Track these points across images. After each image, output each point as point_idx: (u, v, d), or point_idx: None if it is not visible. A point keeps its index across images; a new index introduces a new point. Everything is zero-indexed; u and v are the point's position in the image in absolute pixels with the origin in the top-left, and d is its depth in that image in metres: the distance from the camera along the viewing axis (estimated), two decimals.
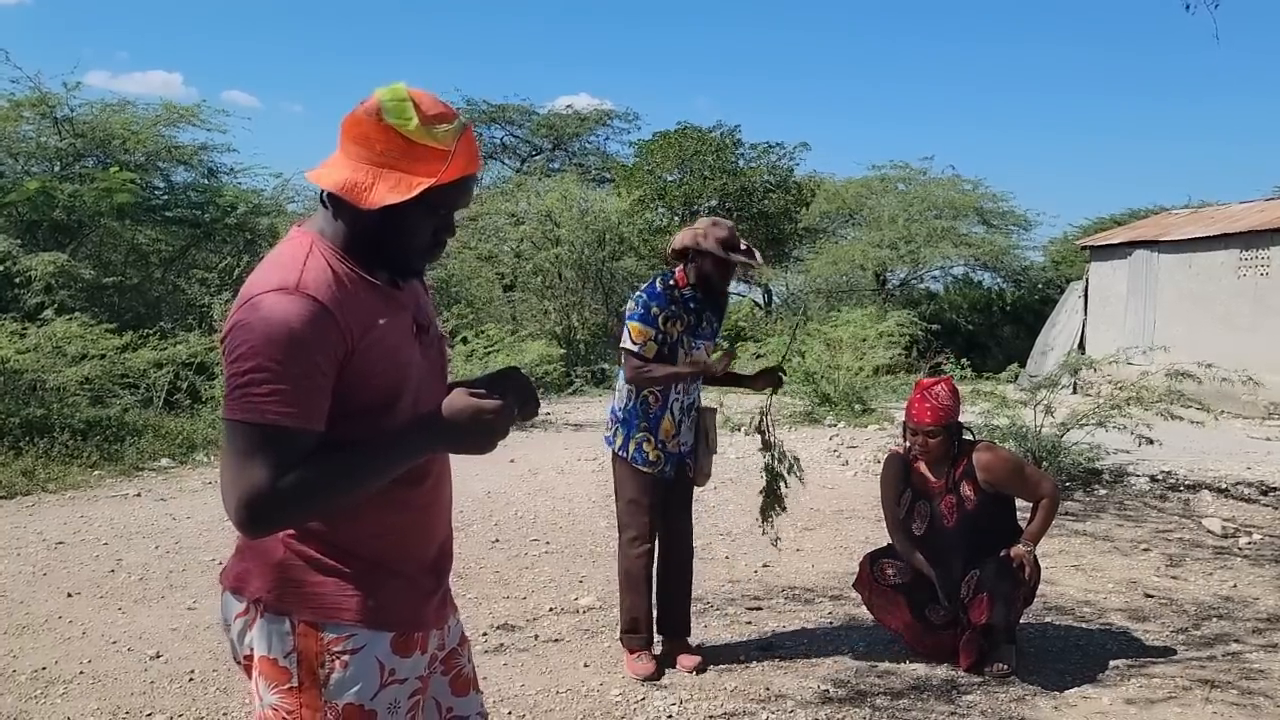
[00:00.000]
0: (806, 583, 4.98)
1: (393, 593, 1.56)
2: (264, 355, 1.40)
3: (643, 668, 3.74)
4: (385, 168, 1.50)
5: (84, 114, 13.22)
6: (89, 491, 7.02)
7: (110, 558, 5.26)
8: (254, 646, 1.52)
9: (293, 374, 1.41)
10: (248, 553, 1.55)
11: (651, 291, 3.75)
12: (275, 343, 1.40)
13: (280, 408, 1.41)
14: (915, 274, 25.76)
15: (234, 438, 1.42)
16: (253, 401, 1.40)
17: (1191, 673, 3.79)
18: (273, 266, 1.49)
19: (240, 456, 1.42)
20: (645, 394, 3.76)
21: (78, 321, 9.09)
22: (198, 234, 13.98)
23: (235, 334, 1.43)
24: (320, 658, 1.49)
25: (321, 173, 1.54)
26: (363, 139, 1.50)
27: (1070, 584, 4.98)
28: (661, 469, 3.74)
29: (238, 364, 1.41)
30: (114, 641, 4.02)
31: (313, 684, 1.49)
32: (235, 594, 1.55)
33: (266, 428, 1.41)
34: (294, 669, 1.50)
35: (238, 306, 1.46)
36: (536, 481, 7.61)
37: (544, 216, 18.60)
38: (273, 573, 1.51)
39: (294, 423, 1.42)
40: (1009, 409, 7.43)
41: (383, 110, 1.50)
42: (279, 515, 1.44)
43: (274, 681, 1.51)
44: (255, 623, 1.51)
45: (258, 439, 1.41)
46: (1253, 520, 6.43)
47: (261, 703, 1.52)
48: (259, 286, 1.45)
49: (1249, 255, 13.80)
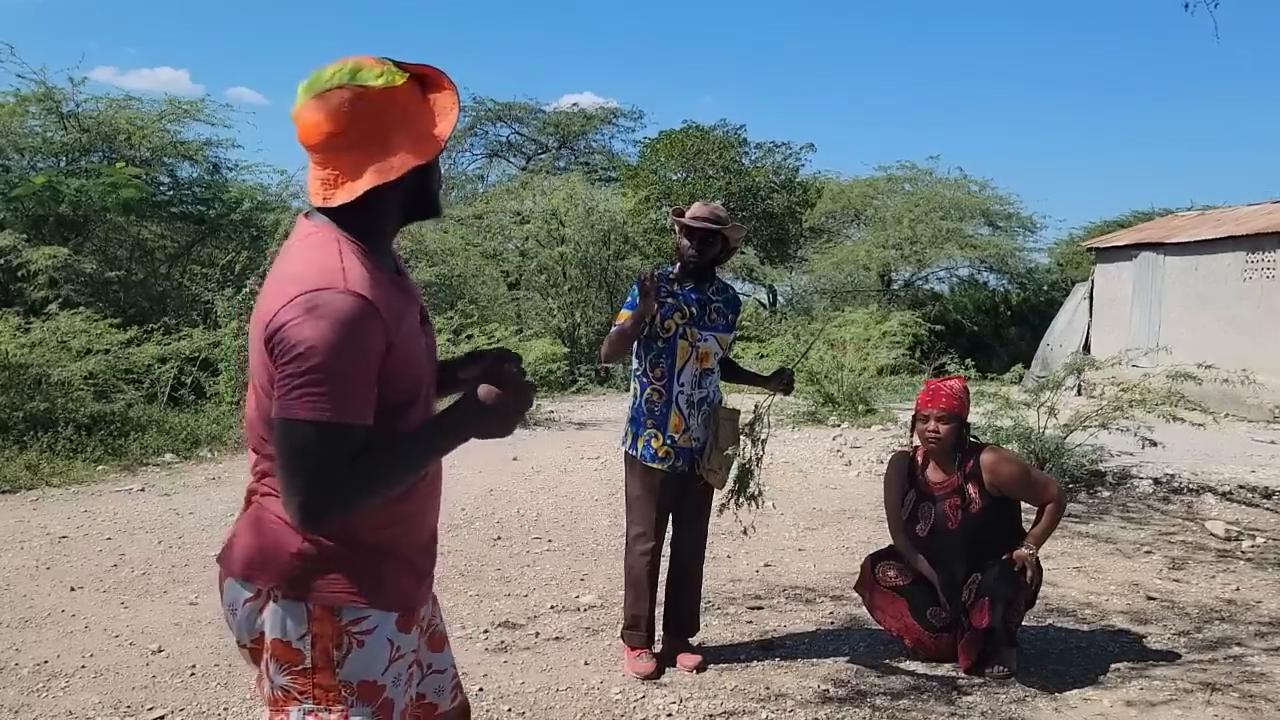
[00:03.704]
0: (808, 582, 4.97)
1: (398, 576, 1.64)
2: (320, 354, 1.43)
3: (643, 666, 3.74)
4: (394, 132, 1.54)
5: (90, 109, 13.27)
6: (93, 486, 7.03)
7: (113, 552, 5.27)
8: (269, 630, 1.56)
9: (348, 371, 1.45)
10: (257, 540, 1.58)
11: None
12: (330, 341, 1.43)
13: (338, 405, 1.44)
14: (920, 275, 25.71)
15: (293, 435, 1.45)
16: (312, 400, 1.44)
17: (1193, 675, 3.78)
18: (310, 264, 1.51)
19: (300, 453, 1.45)
20: (649, 391, 3.75)
21: (82, 316, 9.12)
22: (202, 230, 14.03)
23: (288, 333, 1.44)
24: (338, 638, 1.55)
25: (338, 192, 1.55)
26: (368, 117, 1.53)
27: (1072, 586, 4.97)
28: (672, 464, 3.73)
29: (295, 363, 1.44)
30: (116, 635, 4.03)
31: (326, 664, 1.55)
32: (245, 580, 1.58)
33: (326, 425, 1.44)
34: (307, 650, 1.55)
35: (284, 305, 1.46)
36: (539, 479, 7.62)
37: (549, 215, 18.61)
38: (290, 560, 1.55)
39: (351, 419, 1.47)
40: (1013, 410, 7.42)
41: (363, 75, 1.53)
42: (339, 510, 1.49)
43: (286, 663, 1.56)
44: (267, 608, 1.56)
45: (318, 436, 1.45)
46: (1256, 524, 6.41)
47: (272, 684, 1.57)
48: (304, 285, 1.47)
49: (1255, 258, 13.75)
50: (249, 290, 10.91)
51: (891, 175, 26.10)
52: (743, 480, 3.79)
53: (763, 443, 3.75)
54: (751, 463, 3.76)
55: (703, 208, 3.80)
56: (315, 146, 1.57)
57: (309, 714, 1.56)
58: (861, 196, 26.08)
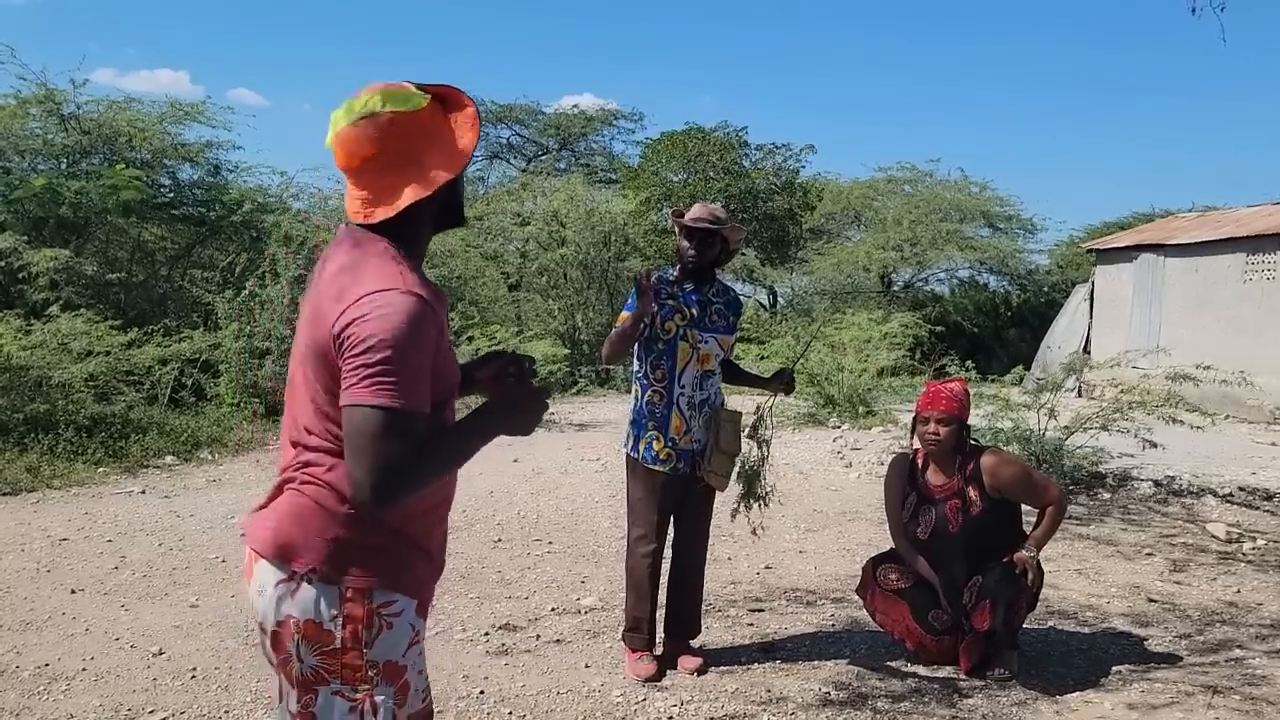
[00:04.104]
0: (809, 585, 4.97)
1: (421, 566, 1.76)
2: (391, 347, 1.57)
3: (644, 669, 3.73)
4: (425, 150, 1.70)
5: (90, 111, 13.24)
6: (93, 488, 7.03)
7: (114, 554, 5.27)
8: (293, 613, 1.64)
9: (413, 364, 1.60)
10: (294, 525, 1.67)
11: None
12: (399, 336, 1.57)
13: (407, 395, 1.58)
14: (920, 276, 25.71)
15: (366, 422, 1.57)
16: (384, 389, 1.56)
17: (1194, 678, 3.77)
18: (370, 269, 1.65)
19: (372, 439, 1.56)
20: (650, 393, 3.75)
21: (83, 318, 9.11)
22: (203, 231, 14.03)
23: (359, 328, 1.58)
24: (369, 621, 1.65)
25: (378, 210, 1.70)
26: (401, 138, 1.68)
27: (1073, 588, 4.97)
28: (674, 466, 3.72)
29: (365, 355, 1.57)
30: (117, 638, 4.03)
31: (355, 645, 1.64)
32: (278, 562, 1.66)
33: (396, 412, 1.57)
34: (338, 632, 1.64)
35: (351, 304, 1.60)
36: (540, 481, 7.61)
37: (550, 217, 18.60)
38: (329, 546, 1.65)
39: (415, 407, 1.60)
40: (1013, 412, 7.42)
41: (394, 102, 1.69)
42: (402, 493, 1.60)
43: (317, 644, 1.64)
44: (298, 591, 1.64)
45: (388, 423, 1.57)
46: (1257, 526, 6.41)
47: (302, 665, 1.65)
48: (369, 286, 1.61)
49: (1255, 259, 13.75)
50: (249, 292, 10.93)
51: (891, 177, 26.11)
52: (750, 482, 3.80)
53: (767, 444, 3.75)
54: (757, 464, 3.77)
55: (702, 209, 3.80)
56: (354, 169, 1.72)
57: (336, 693, 1.65)
58: (861, 198, 26.08)
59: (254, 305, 10.81)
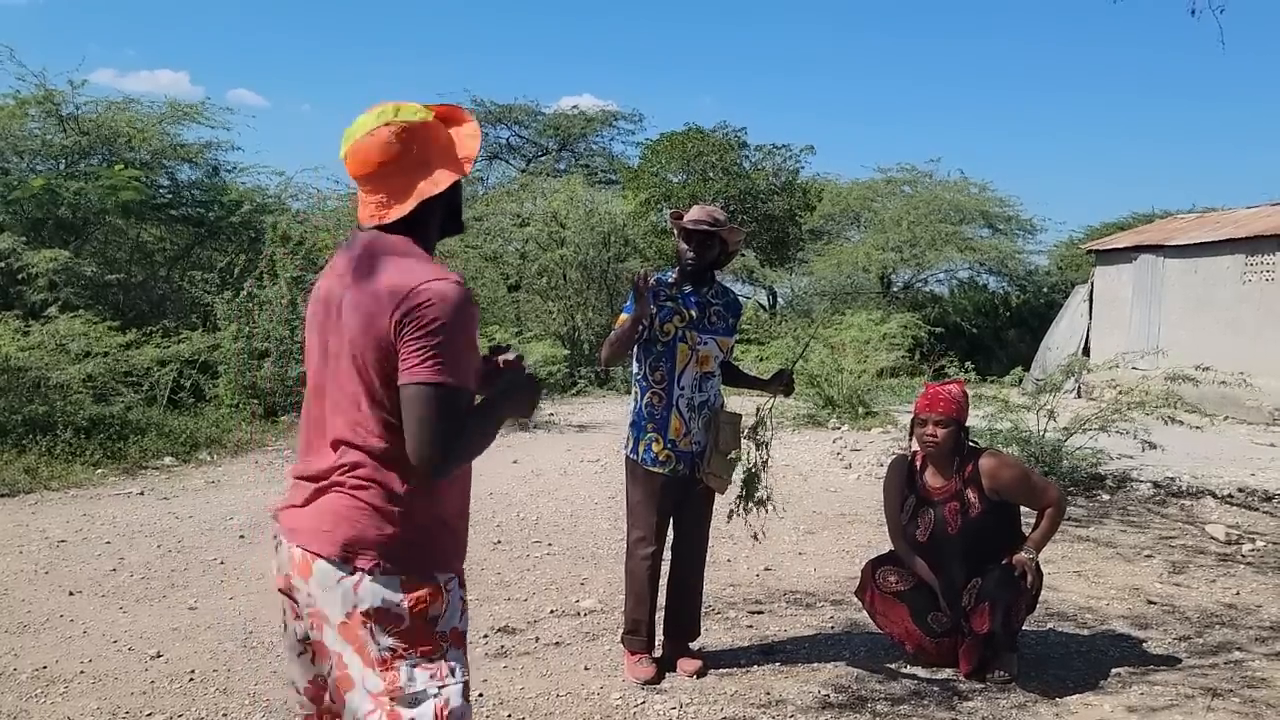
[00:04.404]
0: (808, 587, 4.97)
1: (457, 543, 1.94)
2: (451, 331, 1.75)
3: (643, 671, 3.73)
4: (433, 156, 1.89)
5: (89, 111, 13.22)
6: (92, 490, 7.02)
7: (112, 556, 5.26)
8: (362, 604, 1.78)
9: (463, 346, 1.77)
10: (352, 526, 1.80)
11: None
12: (457, 321, 1.75)
13: (461, 374, 1.76)
14: (920, 277, 25.69)
15: (431, 398, 1.73)
16: (447, 368, 1.74)
17: (1194, 681, 3.77)
18: (414, 261, 1.83)
19: (436, 412, 1.73)
20: (650, 395, 3.75)
21: (81, 319, 9.10)
22: (202, 232, 14.01)
23: (421, 313, 1.73)
24: (434, 598, 1.82)
25: (391, 210, 1.87)
26: (413, 145, 1.87)
27: (1073, 590, 4.96)
28: (673, 468, 3.72)
29: (429, 338, 1.73)
30: (114, 641, 4.02)
31: (422, 622, 1.80)
32: (339, 561, 1.79)
33: (457, 389, 1.75)
34: (406, 613, 1.79)
35: (408, 292, 1.75)
36: (539, 483, 7.61)
37: (549, 217, 18.58)
38: (387, 542, 1.80)
39: (467, 385, 1.79)
40: (1012, 413, 7.42)
41: (405, 113, 1.88)
42: (457, 463, 1.80)
43: (389, 627, 1.79)
44: (362, 585, 1.78)
45: (449, 398, 1.74)
46: (1256, 527, 6.41)
47: (378, 647, 1.79)
48: (421, 276, 1.77)
49: (1254, 260, 13.75)
50: (247, 292, 10.92)
51: (891, 178, 26.08)
52: (750, 485, 3.78)
53: (767, 446, 3.74)
54: (757, 467, 3.75)
55: (701, 211, 3.80)
56: (369, 176, 1.88)
57: (414, 666, 1.79)
58: (861, 199, 26.05)
59: (252, 306, 10.81)
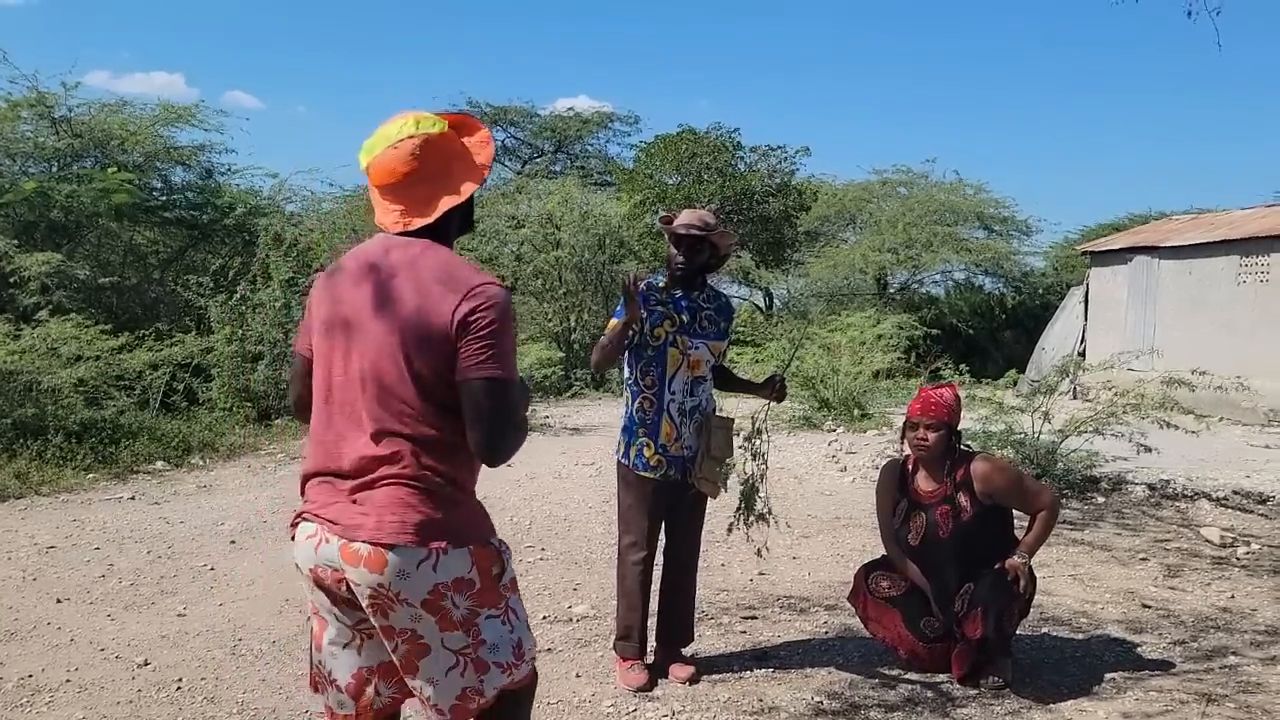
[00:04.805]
0: (802, 592, 4.94)
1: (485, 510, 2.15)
2: (505, 330, 1.95)
3: (635, 678, 3.70)
4: (454, 165, 2.05)
5: (82, 114, 13.21)
6: (82, 494, 6.98)
7: (101, 562, 5.22)
8: (441, 580, 1.96)
9: (512, 343, 1.98)
10: (420, 513, 1.95)
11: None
12: (507, 320, 1.96)
13: (514, 368, 1.98)
14: (916, 278, 25.70)
15: (503, 391, 1.94)
16: (505, 363, 1.95)
17: (1189, 686, 3.75)
18: (459, 266, 2.00)
19: (497, 405, 1.93)
20: (641, 400, 3.73)
21: (72, 322, 9.05)
22: (195, 235, 13.97)
23: (481, 314, 1.92)
24: (494, 559, 2.05)
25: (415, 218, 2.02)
26: (435, 156, 2.01)
27: (1067, 594, 4.94)
28: (665, 473, 3.70)
29: (489, 338, 1.92)
30: (102, 649, 3.99)
31: (488, 581, 2.02)
32: (416, 546, 1.94)
33: (509, 382, 1.96)
34: (476, 578, 2.00)
35: (466, 294, 1.93)
36: (533, 487, 7.58)
37: (545, 219, 18.55)
38: (451, 521, 1.98)
39: (516, 378, 2.00)
40: (1007, 416, 7.40)
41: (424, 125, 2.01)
42: (515, 448, 2.03)
43: (464, 592, 2.00)
44: (440, 560, 1.95)
45: (507, 390, 1.95)
46: (1251, 530, 6.39)
47: (458, 610, 1.99)
48: (477, 279, 1.96)
49: (1249, 262, 13.75)
50: (241, 295, 10.88)
51: (886, 179, 26.12)
52: (749, 499, 3.73)
53: (764, 456, 3.70)
54: (755, 479, 3.71)
55: (691, 215, 3.77)
56: (393, 186, 2.02)
57: (489, 617, 2.03)
58: (856, 200, 26.07)
59: (245, 309, 10.76)
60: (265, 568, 5.17)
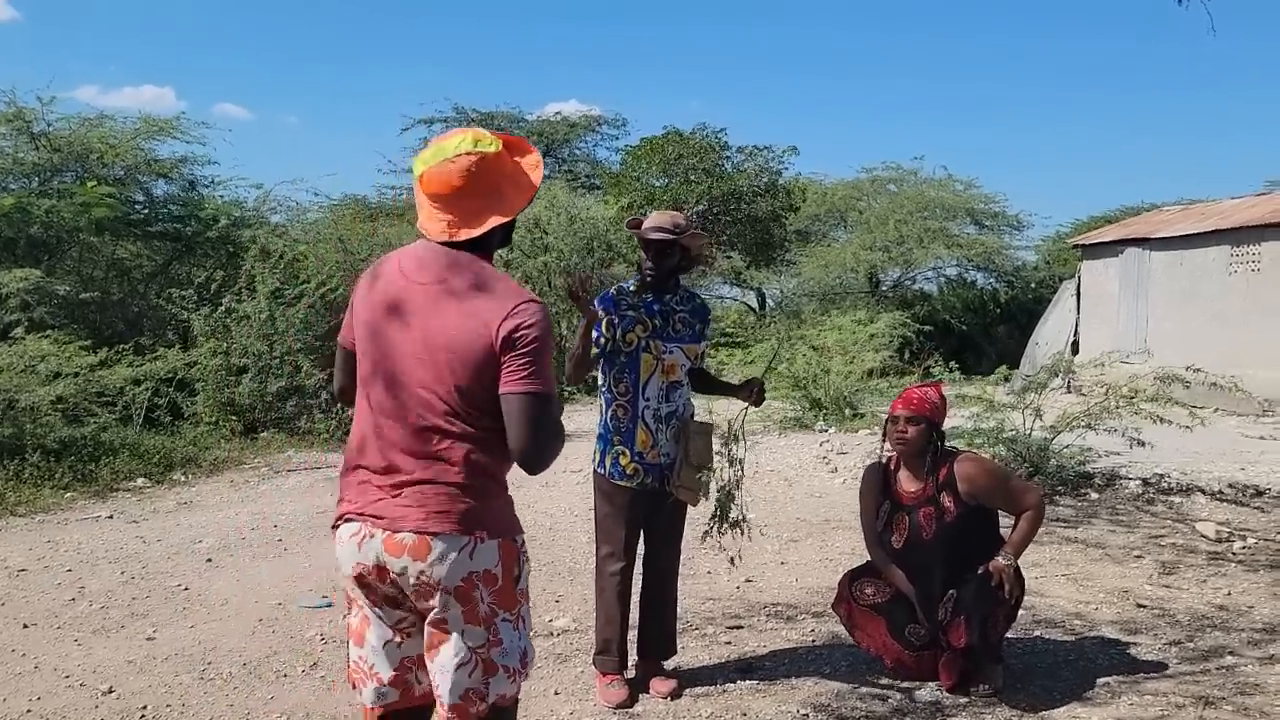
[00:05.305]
0: (790, 599, 4.83)
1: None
2: (544, 346, 2.03)
3: (614, 695, 3.59)
4: (504, 184, 2.12)
5: (61, 128, 13.04)
6: (59, 514, 6.85)
7: (72, 585, 5.09)
8: (474, 569, 2.04)
9: (551, 356, 2.06)
10: (459, 502, 2.03)
11: (604, 295, 3.63)
12: (549, 336, 2.06)
13: (553, 382, 2.05)
14: (908, 275, 25.62)
15: (536, 405, 2.00)
16: (545, 379, 2.02)
17: (1185, 688, 3.65)
18: (501, 281, 2.09)
19: (539, 416, 2.01)
20: (615, 407, 3.63)
21: (50, 339, 8.91)
22: (179, 248, 13.81)
23: (526, 331, 2.01)
24: (518, 558, 2.12)
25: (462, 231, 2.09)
26: (488, 174, 2.09)
27: (1061, 594, 4.84)
28: (641, 481, 3.59)
29: (535, 354, 2.01)
30: (66, 676, 3.86)
31: (509, 580, 2.10)
32: (459, 536, 2.03)
33: (550, 396, 2.04)
34: (499, 573, 2.08)
35: (511, 310, 2.01)
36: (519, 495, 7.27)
37: (532, 224, 18.43)
38: (487, 513, 2.07)
39: (555, 392, 2.08)
40: (997, 413, 7.30)
41: (482, 144, 2.09)
42: (555, 456, 2.09)
43: (490, 585, 2.07)
44: (475, 552, 2.04)
45: (548, 403, 2.03)
46: (1247, 524, 6.29)
47: (483, 604, 2.06)
48: (518, 296, 2.05)
49: (1240, 251, 13.69)
50: (225, 308, 10.74)
51: (876, 176, 26.01)
52: (724, 507, 3.63)
53: (740, 463, 3.60)
54: (730, 486, 3.60)
55: (660, 216, 3.67)
56: (444, 197, 2.09)
57: (503, 620, 2.10)
58: (846, 199, 25.96)
59: (229, 321, 10.63)
60: (241, 586, 5.05)
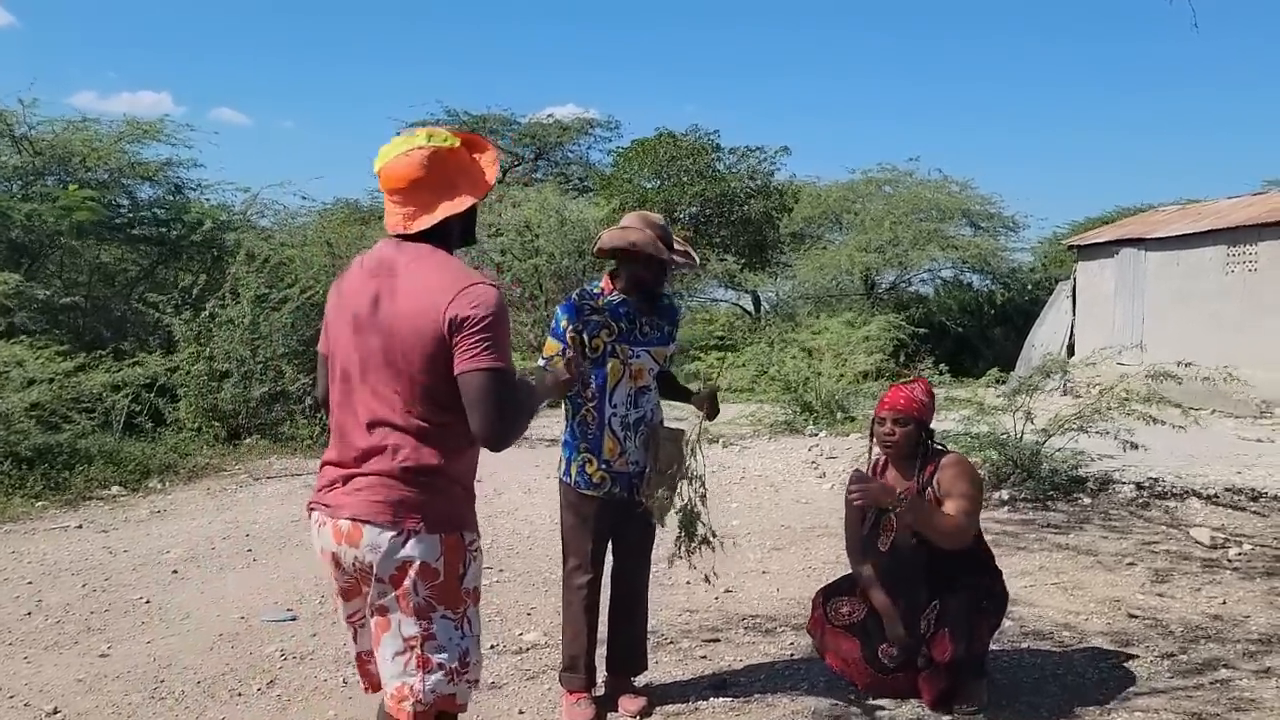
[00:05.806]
0: (769, 610, 4.67)
1: (473, 506, 2.26)
2: (496, 324, 2.07)
3: (580, 714, 3.43)
4: (458, 178, 2.20)
5: (44, 131, 12.89)
6: (28, 524, 6.68)
7: (30, 599, 4.93)
8: (410, 557, 2.08)
9: (506, 336, 2.09)
10: (398, 493, 2.09)
11: (566, 304, 3.48)
12: (498, 315, 2.08)
13: (508, 357, 2.09)
14: (904, 277, 25.47)
15: (488, 382, 2.05)
16: (497, 356, 2.06)
17: (1178, 704, 3.49)
18: (452, 267, 2.14)
19: (494, 393, 2.05)
20: (581, 413, 3.49)
21: (23, 344, 8.74)
22: (164, 251, 13.64)
23: (473, 311, 2.05)
24: (464, 556, 2.16)
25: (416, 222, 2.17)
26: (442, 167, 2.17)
27: (1050, 604, 4.68)
28: (609, 490, 3.44)
29: (482, 332, 2.05)
30: (11, 695, 3.71)
31: (452, 576, 2.13)
32: (388, 525, 2.08)
33: (506, 372, 2.08)
34: (442, 569, 2.11)
35: (458, 294, 2.06)
36: (500, 503, 7.31)
37: (523, 227, 18.28)
38: (436, 503, 2.11)
39: (512, 367, 2.12)
40: (988, 416, 7.14)
41: (436, 139, 2.18)
42: (516, 434, 2.14)
43: (427, 580, 2.10)
44: (410, 542, 2.08)
45: (504, 380, 2.07)
46: (1242, 529, 6.13)
47: (417, 596, 2.09)
48: (469, 279, 2.10)
49: (1236, 251, 13.55)
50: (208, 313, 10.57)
51: (871, 178, 25.86)
52: (689, 524, 3.47)
53: (700, 479, 3.44)
54: (693, 504, 3.45)
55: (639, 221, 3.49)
56: (401, 190, 2.17)
57: (443, 617, 2.12)
58: (840, 200, 25.81)
59: (212, 326, 10.46)
60: (204, 599, 4.89)
